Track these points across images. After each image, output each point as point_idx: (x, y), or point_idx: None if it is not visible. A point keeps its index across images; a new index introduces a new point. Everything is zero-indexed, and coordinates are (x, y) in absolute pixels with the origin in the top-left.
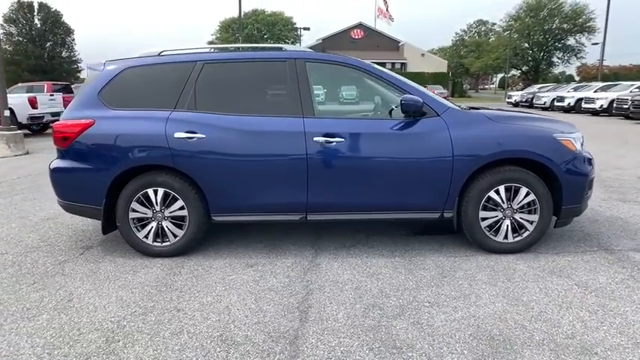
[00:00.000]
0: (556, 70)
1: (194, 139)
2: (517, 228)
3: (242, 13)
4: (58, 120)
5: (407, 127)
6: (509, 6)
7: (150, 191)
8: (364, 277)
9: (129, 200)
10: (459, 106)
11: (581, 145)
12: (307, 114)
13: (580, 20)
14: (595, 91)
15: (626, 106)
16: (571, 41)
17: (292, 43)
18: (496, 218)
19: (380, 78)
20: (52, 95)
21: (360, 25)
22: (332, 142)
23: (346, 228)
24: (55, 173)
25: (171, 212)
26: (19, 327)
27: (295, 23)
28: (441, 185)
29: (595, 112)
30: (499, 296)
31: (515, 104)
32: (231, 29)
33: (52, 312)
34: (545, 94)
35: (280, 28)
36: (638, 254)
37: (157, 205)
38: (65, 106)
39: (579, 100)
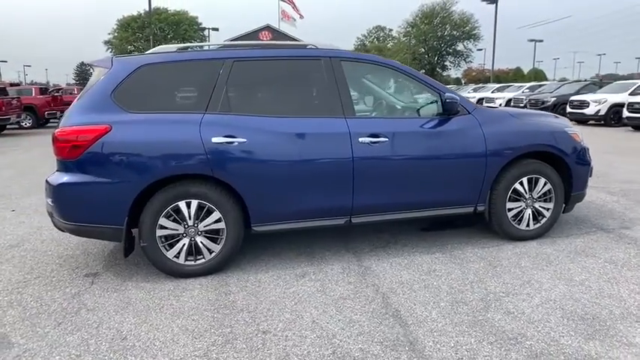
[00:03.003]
0: (445, 73)
1: (234, 144)
2: (536, 216)
3: (142, 12)
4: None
5: (444, 126)
6: (406, 12)
7: (181, 204)
8: (424, 275)
9: (156, 216)
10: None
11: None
12: (348, 114)
13: (467, 28)
14: (492, 92)
15: (523, 105)
16: (460, 47)
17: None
18: (520, 208)
19: (413, 77)
20: None
21: (268, 28)
22: (377, 142)
23: (368, 229)
24: (61, 190)
25: (206, 226)
26: None
27: (201, 23)
28: (477, 180)
29: None
30: (554, 279)
31: None
32: (130, 28)
33: (114, 356)
34: None
35: (185, 28)
36: (628, 231)
37: (189, 219)
38: None
39: (480, 99)
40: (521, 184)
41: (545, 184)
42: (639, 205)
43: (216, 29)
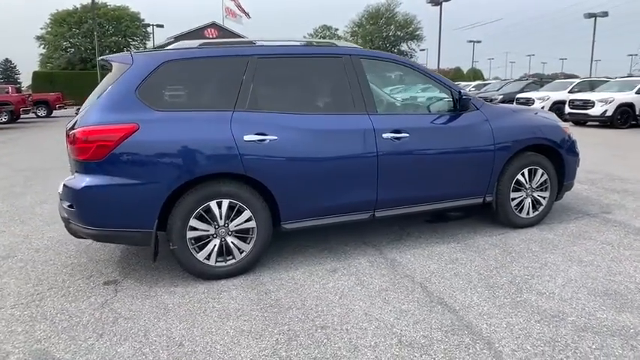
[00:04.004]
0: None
1: (266, 142)
2: (535, 204)
3: (79, 6)
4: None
5: (457, 121)
6: (353, 12)
7: (212, 204)
8: (449, 264)
9: (187, 217)
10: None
11: None
12: (370, 110)
13: (410, 29)
14: None
15: None
16: (404, 47)
17: (141, 41)
18: (521, 198)
19: (427, 75)
20: None
21: (213, 25)
22: (399, 137)
23: (377, 223)
24: (86, 194)
25: (236, 226)
26: None
27: (143, 20)
28: (487, 172)
29: None
30: (566, 261)
31: None
32: (66, 23)
33: None
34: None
35: (127, 24)
36: (610, 215)
37: (220, 219)
38: None
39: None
40: (523, 175)
41: (542, 174)
42: (609, 192)
43: (161, 26)
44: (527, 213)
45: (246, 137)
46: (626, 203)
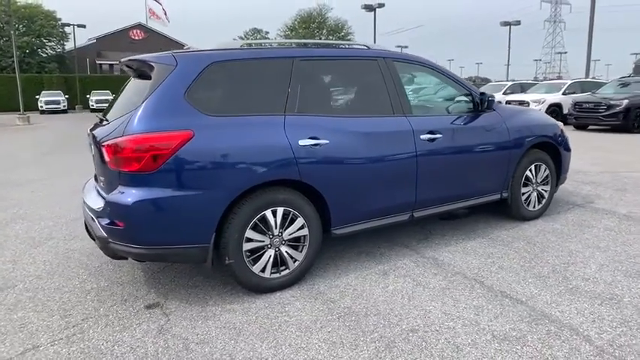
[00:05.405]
0: None
1: (319, 146)
2: (539, 198)
3: None
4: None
5: (479, 121)
6: (285, 16)
7: (268, 213)
8: (488, 259)
9: (243, 228)
10: None
11: None
12: (407, 112)
13: (342, 34)
14: None
15: None
16: None
17: (59, 42)
18: (528, 192)
19: (450, 78)
20: None
21: (139, 26)
22: (434, 138)
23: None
24: (138, 209)
25: (290, 234)
26: None
27: (60, 19)
28: (504, 170)
29: None
30: (587, 248)
31: None
32: None
33: None
34: None
35: (41, 23)
36: (595, 204)
37: (275, 228)
38: None
39: None
40: (530, 170)
41: (545, 169)
42: (580, 184)
43: (83, 26)
44: (534, 206)
45: (301, 142)
46: (600, 193)
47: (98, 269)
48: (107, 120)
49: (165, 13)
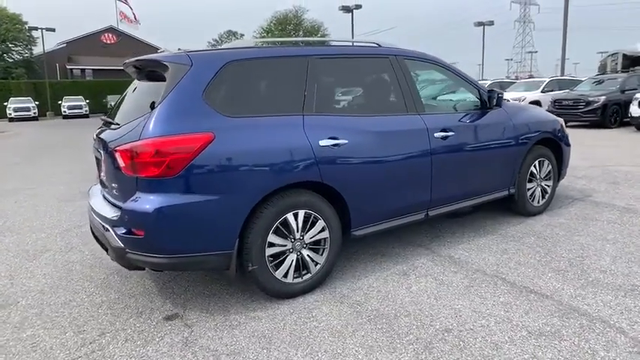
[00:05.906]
0: None
1: (339, 146)
2: (543, 193)
3: None
4: None
5: (487, 118)
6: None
7: (289, 216)
8: (504, 255)
9: (266, 233)
10: None
11: None
12: (420, 111)
13: (318, 35)
14: None
15: None
16: None
17: (26, 46)
18: (533, 188)
19: (459, 76)
20: None
21: (111, 29)
22: (447, 136)
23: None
24: (159, 216)
25: (311, 237)
26: None
27: (27, 22)
28: (512, 166)
29: None
30: (596, 240)
31: None
32: None
33: None
34: None
35: (7, 27)
36: (593, 198)
37: (297, 231)
38: None
39: None
40: (534, 166)
41: (547, 165)
42: (574, 179)
43: (52, 30)
44: (538, 202)
45: (322, 142)
46: (595, 187)
47: (104, 281)
48: (116, 123)
49: (135, 16)
